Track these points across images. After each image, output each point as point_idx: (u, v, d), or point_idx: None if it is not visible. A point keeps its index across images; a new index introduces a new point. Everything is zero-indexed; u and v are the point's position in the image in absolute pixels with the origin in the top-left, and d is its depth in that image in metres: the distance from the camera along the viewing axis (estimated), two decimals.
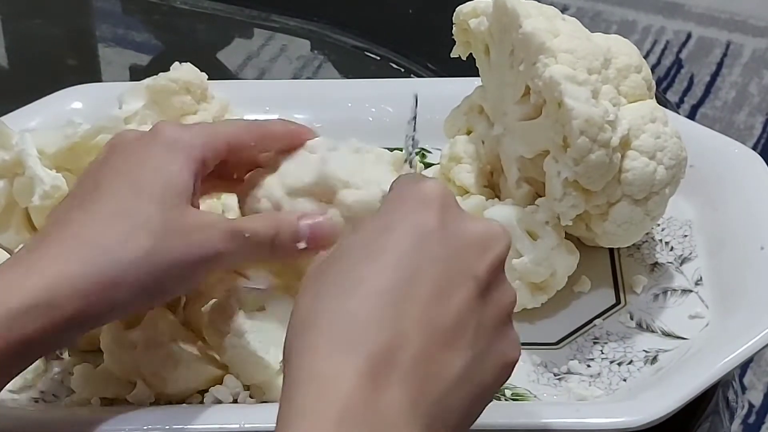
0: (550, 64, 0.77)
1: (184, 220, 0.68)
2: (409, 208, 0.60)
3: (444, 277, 0.58)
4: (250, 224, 0.71)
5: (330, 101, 0.97)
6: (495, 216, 0.81)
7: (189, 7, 1.20)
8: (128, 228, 0.67)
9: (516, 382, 0.80)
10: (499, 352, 0.59)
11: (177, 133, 0.71)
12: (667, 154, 0.81)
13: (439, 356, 0.56)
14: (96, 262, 0.66)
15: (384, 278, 0.57)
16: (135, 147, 0.71)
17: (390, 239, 0.58)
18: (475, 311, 0.58)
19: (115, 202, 0.68)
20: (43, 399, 0.77)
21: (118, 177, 0.69)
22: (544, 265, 0.80)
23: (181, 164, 0.70)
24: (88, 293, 0.66)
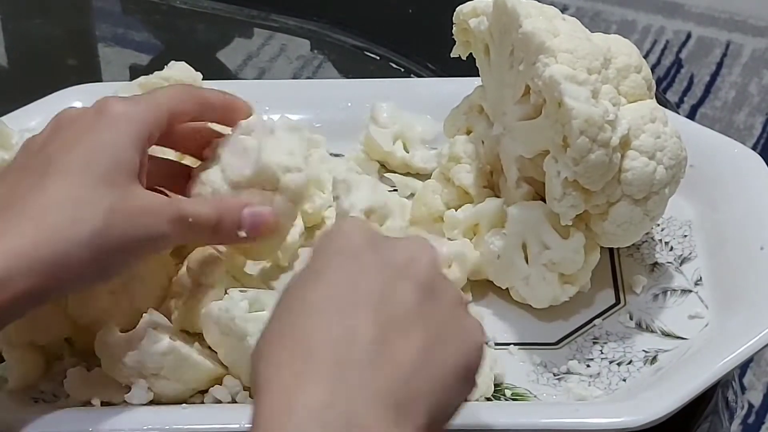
0: (550, 64, 0.77)
1: (131, 201, 0.70)
2: (335, 239, 0.62)
3: (380, 284, 0.60)
4: (195, 208, 0.73)
5: (330, 101, 0.97)
6: (521, 211, 0.82)
7: (189, 7, 1.20)
8: (78, 209, 0.69)
9: (516, 382, 0.80)
10: (460, 334, 0.60)
11: (122, 108, 0.73)
12: (666, 154, 0.81)
13: (394, 343, 0.58)
14: (48, 241, 0.68)
15: (323, 297, 0.59)
16: (82, 123, 0.72)
17: (324, 265, 0.61)
18: (422, 303, 0.60)
19: (65, 181, 0.69)
20: (43, 399, 0.77)
21: (68, 154, 0.70)
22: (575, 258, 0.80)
23: (128, 141, 0.71)
24: (40, 271, 0.67)
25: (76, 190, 0.69)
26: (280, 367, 0.57)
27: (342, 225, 0.64)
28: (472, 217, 0.85)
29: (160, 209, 0.71)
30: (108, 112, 0.72)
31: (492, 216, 0.84)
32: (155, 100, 0.75)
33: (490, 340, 0.79)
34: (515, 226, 0.82)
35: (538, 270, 0.81)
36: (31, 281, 0.67)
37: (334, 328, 0.58)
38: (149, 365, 0.74)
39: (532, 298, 0.83)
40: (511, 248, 0.82)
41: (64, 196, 0.69)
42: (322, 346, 0.57)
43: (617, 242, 0.83)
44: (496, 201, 0.85)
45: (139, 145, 0.72)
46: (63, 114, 0.74)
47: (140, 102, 0.74)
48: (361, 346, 0.57)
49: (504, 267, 0.83)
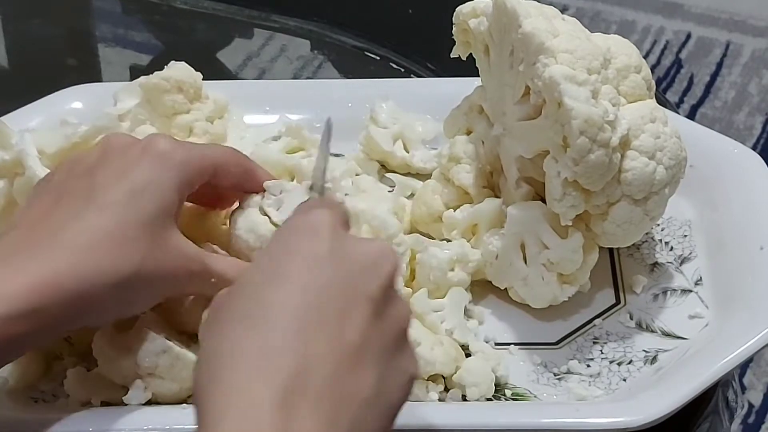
0: (549, 64, 0.77)
1: (167, 246, 0.71)
2: (300, 237, 0.61)
3: (342, 301, 0.59)
4: (218, 268, 0.73)
5: (330, 101, 0.97)
6: (520, 211, 0.82)
7: (189, 7, 1.20)
8: (117, 249, 0.69)
9: (516, 382, 0.80)
10: (402, 368, 0.61)
11: (169, 147, 0.72)
12: (666, 154, 0.81)
13: (349, 377, 0.57)
14: (87, 274, 0.68)
15: (288, 306, 0.58)
16: (129, 155, 0.72)
17: (286, 269, 0.60)
18: (376, 329, 0.59)
19: (108, 216, 0.69)
20: (43, 399, 0.77)
21: (113, 185, 0.70)
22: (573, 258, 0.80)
23: (171, 183, 0.72)
24: (75, 302, 0.68)
25: (118, 228, 0.69)
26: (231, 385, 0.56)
27: (310, 218, 0.62)
28: (470, 217, 0.85)
29: (187, 261, 0.71)
30: (156, 149, 0.72)
31: (491, 216, 0.84)
32: (201, 149, 0.75)
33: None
34: (514, 226, 0.82)
35: (537, 270, 0.81)
36: (61, 313, 0.67)
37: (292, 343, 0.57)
38: (144, 365, 0.74)
39: (531, 298, 0.83)
40: (509, 248, 0.82)
41: (104, 233, 0.69)
42: (279, 368, 0.56)
43: (617, 242, 0.83)
44: (495, 201, 0.85)
45: (181, 188, 0.72)
46: (112, 140, 0.73)
47: (187, 146, 0.74)
48: (316, 380, 0.56)
49: (503, 267, 0.83)
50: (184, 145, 0.74)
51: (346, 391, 0.57)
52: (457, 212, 0.86)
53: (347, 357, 0.58)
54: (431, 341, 0.77)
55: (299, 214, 0.64)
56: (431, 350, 0.77)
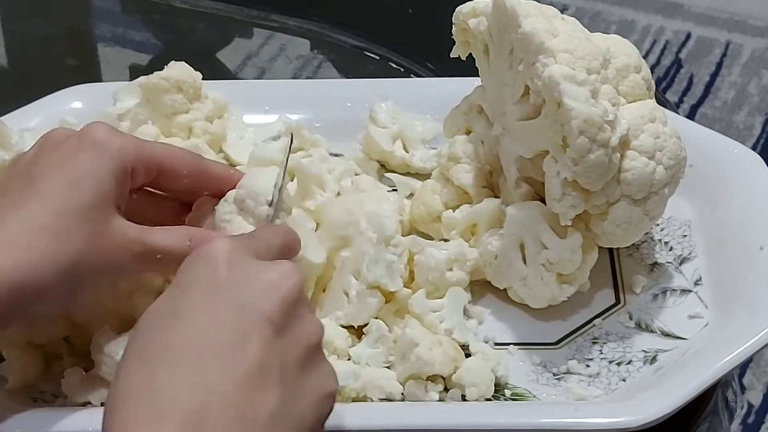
0: (549, 64, 0.77)
1: (107, 232, 0.70)
2: (197, 268, 0.63)
3: (239, 325, 0.60)
4: (165, 243, 0.73)
5: (330, 101, 0.97)
6: (519, 211, 0.82)
7: (188, 7, 1.20)
8: (57, 238, 0.69)
9: (515, 382, 0.80)
10: (313, 386, 0.62)
11: (106, 136, 0.73)
12: (666, 153, 0.81)
13: (248, 401, 0.58)
14: (26, 265, 0.68)
15: (182, 343, 0.59)
16: (66, 146, 0.72)
17: (184, 301, 0.61)
18: (276, 350, 0.60)
19: (46, 207, 0.69)
20: (43, 399, 0.77)
21: (49, 178, 0.71)
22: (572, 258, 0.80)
23: (108, 169, 0.71)
24: (16, 294, 0.68)
25: (55, 218, 0.69)
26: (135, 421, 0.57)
27: (209, 250, 0.63)
28: (469, 217, 0.85)
29: (128, 245, 0.71)
30: (91, 138, 0.72)
31: (490, 216, 0.84)
32: (146, 144, 0.75)
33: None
34: (513, 227, 0.82)
35: (536, 270, 0.81)
36: (3, 304, 0.67)
37: (188, 379, 0.58)
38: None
39: (531, 299, 0.83)
40: (508, 248, 0.82)
41: (43, 222, 0.69)
42: (177, 402, 0.57)
43: (617, 242, 0.83)
44: (494, 201, 0.85)
45: (119, 174, 0.72)
46: (50, 134, 0.74)
47: (126, 135, 0.74)
48: (214, 401, 0.57)
49: (502, 267, 0.83)
50: (122, 135, 0.74)
51: (246, 415, 0.58)
52: (456, 212, 0.86)
53: (246, 382, 0.58)
54: (430, 341, 0.77)
55: (202, 246, 0.65)
56: (429, 350, 0.77)
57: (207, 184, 0.78)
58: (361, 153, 0.94)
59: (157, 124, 0.91)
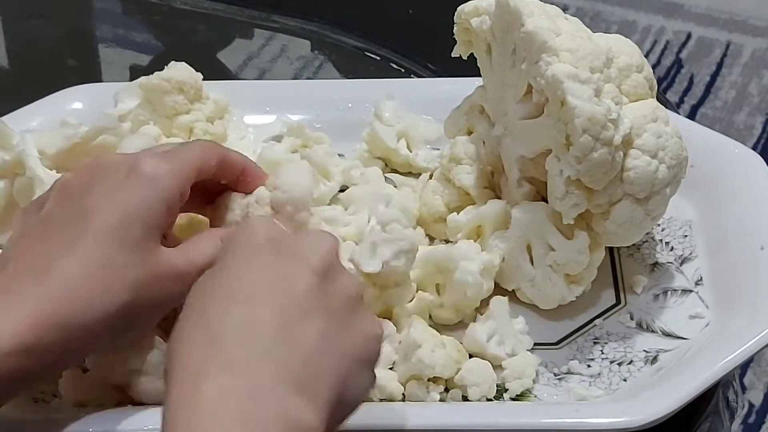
0: (552, 63, 0.77)
1: (159, 268, 0.71)
2: (238, 237, 0.67)
3: (284, 271, 0.64)
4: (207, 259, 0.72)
5: (330, 101, 0.97)
6: (524, 213, 0.81)
7: (189, 8, 1.20)
8: (110, 277, 0.69)
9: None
10: (359, 326, 0.65)
11: (155, 167, 0.72)
12: (668, 153, 0.81)
13: (294, 326, 0.62)
14: (79, 310, 0.68)
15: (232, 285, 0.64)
16: (116, 177, 0.71)
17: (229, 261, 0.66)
18: (321, 292, 0.64)
19: (99, 245, 0.69)
20: (43, 399, 0.77)
21: (101, 212, 0.70)
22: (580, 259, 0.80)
23: (161, 204, 0.71)
24: (69, 338, 0.67)
25: (107, 257, 0.69)
26: (189, 354, 0.61)
27: (246, 223, 0.69)
28: (475, 219, 0.85)
29: (183, 276, 0.71)
30: (141, 171, 0.71)
31: (495, 218, 0.84)
32: (184, 158, 0.74)
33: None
34: (518, 229, 0.82)
35: (544, 271, 0.81)
36: (58, 347, 0.67)
37: (238, 314, 0.62)
38: (134, 362, 0.74)
39: (539, 300, 0.83)
40: (515, 250, 0.82)
41: (96, 262, 0.68)
42: (228, 331, 0.61)
43: (618, 241, 0.83)
44: (499, 203, 0.85)
45: (171, 205, 0.72)
46: (99, 160, 0.73)
47: (171, 159, 0.73)
48: (263, 330, 0.61)
49: (509, 269, 0.83)
50: (168, 160, 0.73)
51: (293, 342, 0.61)
52: (461, 215, 0.86)
53: (292, 313, 0.62)
54: (433, 343, 0.77)
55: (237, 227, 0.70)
56: (432, 353, 0.77)
57: (229, 178, 0.78)
58: (365, 152, 0.94)
59: (158, 125, 0.91)
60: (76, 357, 0.71)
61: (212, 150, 0.76)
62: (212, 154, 0.76)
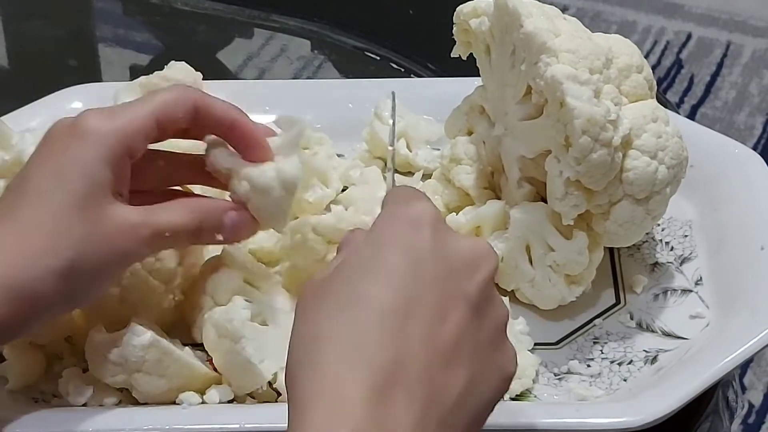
0: (551, 64, 0.77)
1: (105, 223, 0.68)
2: (402, 229, 0.60)
3: (439, 299, 0.58)
4: (172, 220, 0.71)
5: (330, 101, 0.97)
6: (523, 214, 0.81)
7: (189, 8, 1.20)
8: (50, 239, 0.67)
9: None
10: (497, 367, 0.61)
11: (94, 124, 0.70)
12: (668, 153, 0.81)
13: (442, 375, 0.57)
14: (21, 270, 0.67)
15: (386, 297, 0.58)
16: (58, 140, 0.70)
17: (387, 259, 0.59)
18: (470, 330, 0.59)
19: (37, 205, 0.68)
20: (43, 399, 0.77)
21: (40, 174, 0.69)
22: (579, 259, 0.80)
23: (100, 159, 0.69)
24: (21, 301, 0.66)
25: (48, 217, 0.67)
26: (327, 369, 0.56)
27: (414, 209, 0.61)
28: (474, 220, 0.85)
29: (133, 231, 0.69)
30: (80, 129, 0.70)
31: (494, 218, 0.84)
32: (135, 112, 0.71)
33: None
34: (518, 230, 0.82)
35: (543, 272, 0.81)
36: (9, 314, 0.66)
37: (388, 343, 0.56)
38: (132, 360, 0.74)
39: (539, 300, 0.83)
40: (515, 251, 0.82)
41: (36, 223, 0.67)
42: (373, 359, 0.56)
43: (619, 242, 0.83)
44: (498, 203, 0.85)
45: (113, 161, 0.69)
46: (51, 129, 0.72)
47: (116, 115, 0.71)
48: (409, 373, 0.56)
49: (508, 270, 0.83)
50: (110, 114, 0.70)
51: (438, 390, 0.57)
52: (460, 215, 0.86)
53: (441, 355, 0.57)
54: None
55: (399, 204, 0.62)
56: None
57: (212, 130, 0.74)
58: (365, 152, 0.94)
59: None
60: (30, 322, 0.69)
61: (182, 96, 0.73)
62: (182, 103, 0.72)
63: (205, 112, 0.73)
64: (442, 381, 0.57)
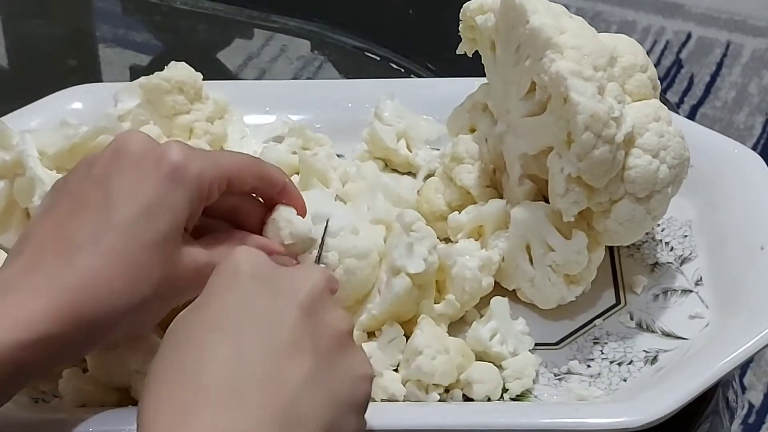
0: (556, 60, 0.77)
1: (179, 262, 0.70)
2: (224, 269, 0.65)
3: (270, 306, 0.62)
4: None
5: (330, 101, 0.97)
6: (523, 213, 0.81)
7: (189, 8, 1.20)
8: (133, 269, 0.68)
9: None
10: (347, 366, 0.63)
11: (183, 161, 0.70)
12: (670, 153, 0.81)
13: (281, 367, 0.60)
14: (102, 299, 0.67)
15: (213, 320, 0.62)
16: (143, 166, 0.70)
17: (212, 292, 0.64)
18: (308, 330, 0.62)
19: (122, 235, 0.68)
20: (43, 399, 0.77)
21: (126, 203, 0.69)
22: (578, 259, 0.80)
23: (185, 197, 0.70)
24: (90, 327, 0.67)
25: (131, 250, 0.68)
26: (173, 391, 0.59)
27: (232, 255, 0.65)
28: (475, 219, 0.85)
29: (200, 272, 0.70)
30: (169, 164, 0.70)
31: (495, 218, 0.84)
32: (216, 161, 0.73)
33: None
34: (518, 229, 0.82)
35: (544, 271, 0.81)
36: (75, 338, 0.67)
37: (221, 350, 0.60)
38: (133, 364, 0.74)
39: (539, 300, 0.83)
40: (515, 251, 0.82)
41: (119, 255, 0.68)
42: (208, 373, 0.59)
43: (619, 240, 0.83)
44: (499, 203, 0.85)
45: (193, 203, 0.71)
46: (127, 142, 0.71)
47: (201, 157, 0.72)
48: (248, 368, 0.59)
49: (509, 269, 0.83)
50: (198, 156, 0.71)
51: (278, 379, 0.60)
52: (461, 214, 0.86)
53: (277, 350, 0.61)
54: (434, 350, 0.76)
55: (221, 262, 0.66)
56: (432, 360, 0.76)
57: (269, 195, 0.77)
58: (365, 152, 0.94)
59: (158, 125, 0.91)
60: (87, 348, 0.70)
61: (251, 163, 0.75)
62: (250, 168, 0.75)
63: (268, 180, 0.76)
64: (283, 371, 0.60)
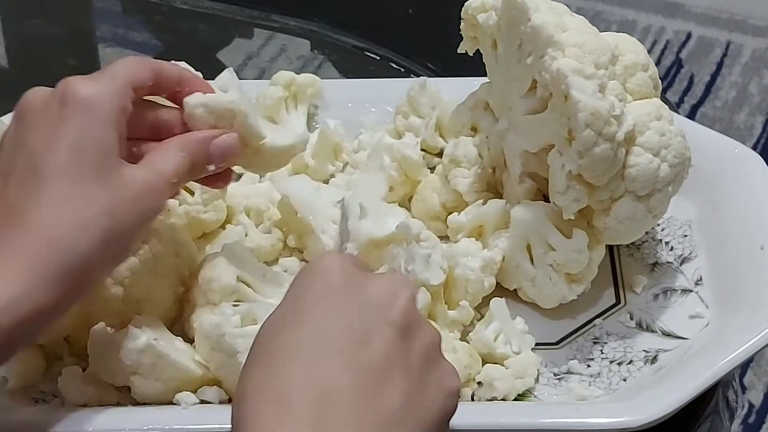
0: (557, 57, 0.77)
1: (126, 190, 0.69)
2: (312, 278, 0.64)
3: (359, 328, 0.61)
4: (173, 166, 0.73)
5: (330, 101, 0.97)
6: (524, 212, 0.81)
7: (189, 7, 1.21)
8: (81, 213, 0.68)
9: None
10: (436, 382, 0.62)
11: (87, 90, 0.70)
12: (671, 152, 0.81)
13: (372, 394, 0.59)
14: (63, 251, 0.67)
15: (302, 339, 0.61)
16: (53, 114, 0.70)
17: (301, 306, 0.63)
18: (400, 350, 0.61)
19: (58, 184, 0.68)
20: (43, 399, 0.77)
21: (51, 153, 0.69)
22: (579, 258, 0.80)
23: (104, 124, 0.70)
24: (62, 282, 0.67)
25: (72, 193, 0.68)
26: (259, 411, 0.58)
27: (322, 262, 0.65)
28: (475, 219, 0.85)
29: (151, 188, 0.71)
30: (75, 98, 0.70)
31: (495, 218, 0.84)
32: (115, 75, 0.72)
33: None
34: (518, 229, 0.82)
35: (544, 271, 0.81)
36: (54, 294, 0.67)
37: (308, 371, 0.59)
38: (128, 363, 0.74)
39: (540, 299, 0.83)
40: (515, 250, 0.82)
41: (61, 202, 0.68)
42: (301, 395, 0.58)
43: (619, 239, 0.83)
44: (499, 203, 0.85)
45: (115, 123, 0.70)
46: (27, 100, 0.71)
47: (101, 80, 0.71)
48: (337, 391, 0.58)
49: (510, 269, 0.83)
50: (94, 79, 0.71)
51: (372, 407, 0.59)
52: (461, 215, 0.86)
53: (371, 374, 0.59)
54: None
55: (311, 262, 0.66)
56: None
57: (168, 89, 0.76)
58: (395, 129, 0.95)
59: None
60: (78, 293, 0.69)
61: (143, 63, 0.74)
62: (144, 67, 0.74)
63: (163, 74, 0.75)
64: (377, 396, 0.59)
